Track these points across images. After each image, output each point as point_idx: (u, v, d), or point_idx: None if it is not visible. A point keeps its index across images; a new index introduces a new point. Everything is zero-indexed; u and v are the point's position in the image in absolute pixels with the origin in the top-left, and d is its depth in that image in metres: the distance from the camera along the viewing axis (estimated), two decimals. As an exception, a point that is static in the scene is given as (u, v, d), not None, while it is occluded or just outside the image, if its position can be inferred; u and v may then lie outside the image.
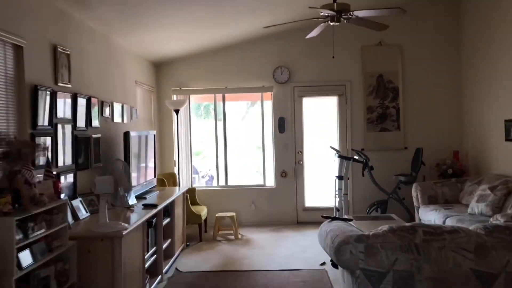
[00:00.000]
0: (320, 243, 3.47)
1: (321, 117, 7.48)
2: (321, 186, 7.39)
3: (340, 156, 6.31)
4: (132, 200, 4.49)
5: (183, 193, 5.96)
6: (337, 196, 6.36)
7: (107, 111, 4.96)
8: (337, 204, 6.35)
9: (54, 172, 3.70)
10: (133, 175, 4.85)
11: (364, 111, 7.15)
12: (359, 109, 7.16)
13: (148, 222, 4.40)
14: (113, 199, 3.52)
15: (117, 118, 5.28)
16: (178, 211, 5.65)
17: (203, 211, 6.44)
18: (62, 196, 3.38)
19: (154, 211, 4.38)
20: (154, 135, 5.82)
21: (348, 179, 6.41)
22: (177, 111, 6.51)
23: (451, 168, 6.60)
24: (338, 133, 7.24)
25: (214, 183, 7.60)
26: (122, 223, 3.57)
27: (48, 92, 3.64)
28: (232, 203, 7.24)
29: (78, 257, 3.33)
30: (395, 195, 6.77)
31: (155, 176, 5.81)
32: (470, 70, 6.76)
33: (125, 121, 5.55)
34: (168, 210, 5.28)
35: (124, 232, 3.42)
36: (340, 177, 6.27)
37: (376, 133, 7.16)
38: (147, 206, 4.47)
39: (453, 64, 7.09)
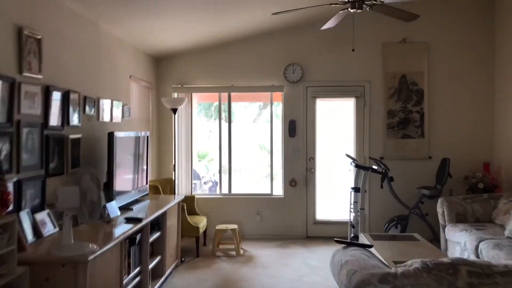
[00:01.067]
0: (333, 275, 2.81)
1: (336, 121, 6.78)
2: (334, 197, 6.71)
3: (357, 166, 5.60)
4: (114, 212, 3.85)
5: (179, 202, 5.31)
6: (352, 210, 5.65)
7: (91, 108, 4.33)
8: (352, 220, 5.64)
9: (14, 179, 3.07)
10: (119, 182, 4.22)
11: (384, 115, 6.43)
12: (379, 113, 6.44)
13: (131, 239, 3.75)
14: (80, 214, 2.87)
15: (104, 117, 4.65)
16: (172, 222, 4.99)
17: (201, 222, 5.77)
18: (10, 208, 2.75)
19: (138, 226, 3.73)
20: (148, 137, 5.18)
21: (365, 191, 5.69)
22: (174, 110, 5.86)
23: (482, 182, 5.84)
24: (354, 139, 6.53)
25: (217, 190, 6.93)
26: (91, 244, 2.92)
27: (7, 83, 3.01)
28: (235, 213, 6.57)
29: (33, 287, 2.70)
30: (417, 210, 6.04)
31: (147, 183, 5.16)
32: (505, 73, 6.00)
33: (114, 120, 4.91)
34: (159, 223, 4.62)
35: (91, 256, 2.77)
36: (356, 189, 5.57)
37: (397, 140, 6.44)
38: (131, 220, 3.82)
39: (486, 66, 6.33)
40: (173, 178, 6.31)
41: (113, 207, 3.91)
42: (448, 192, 6.03)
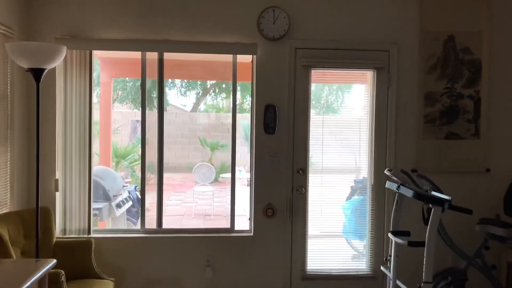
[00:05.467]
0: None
1: (343, 109, 4.16)
2: (338, 234, 4.13)
3: (418, 196, 2.94)
4: None
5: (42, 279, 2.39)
6: (391, 267, 3.08)
7: None
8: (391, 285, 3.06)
9: None
10: None
11: (419, 101, 3.93)
12: (412, 97, 3.93)
13: None
14: None
15: None
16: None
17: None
18: None
19: None
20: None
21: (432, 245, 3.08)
22: (37, 74, 2.90)
23: None
24: (370, 140, 3.95)
25: (139, 224, 4.00)
26: None
27: None
28: (169, 265, 3.76)
29: None
30: (479, 260, 3.60)
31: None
32: None
33: None
34: None
35: None
36: (401, 233, 2.99)
37: (439, 141, 3.97)
38: None
39: None
40: (54, 207, 3.35)
41: None
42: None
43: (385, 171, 3.27)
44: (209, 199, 8.52)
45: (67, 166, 3.68)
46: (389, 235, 3.11)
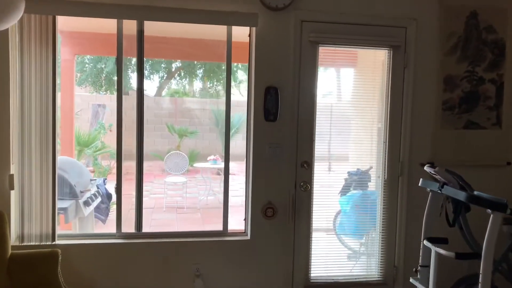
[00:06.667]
0: None
1: (353, 92, 3.64)
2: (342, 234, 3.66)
3: (470, 199, 2.46)
4: None
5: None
6: (418, 278, 2.63)
7: None
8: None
9: None
10: None
11: (438, 85, 3.48)
12: (429, 81, 3.47)
13: None
14: None
15: None
16: None
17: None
18: None
19: None
20: None
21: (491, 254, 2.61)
22: None
23: None
24: (384, 129, 3.47)
25: (115, 228, 3.35)
26: None
27: None
28: (151, 275, 3.17)
29: None
30: (505, 264, 3.22)
31: None
32: None
33: None
34: None
35: None
36: (437, 240, 2.53)
37: (458, 131, 3.54)
38: None
39: None
40: (8, 210, 2.68)
41: None
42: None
43: (425, 168, 2.79)
44: (180, 190, 7.92)
45: (25, 158, 2.99)
46: (425, 242, 2.65)
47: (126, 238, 3.21)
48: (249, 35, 3.29)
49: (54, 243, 3.02)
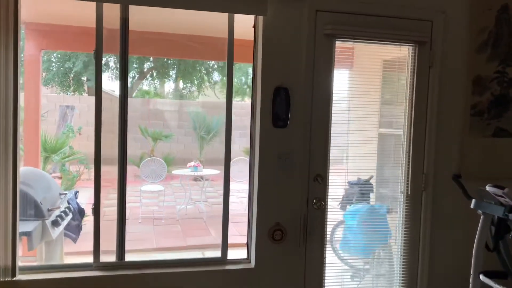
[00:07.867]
0: None
1: (370, 93, 3.15)
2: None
3: None
4: None
5: None
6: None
7: None
8: None
9: None
10: None
11: (467, 86, 3.06)
12: (457, 81, 3.05)
13: None
14: None
15: None
16: None
17: None
18: None
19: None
20: None
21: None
22: None
23: None
24: (406, 135, 3.02)
25: (82, 246, 2.74)
26: None
27: None
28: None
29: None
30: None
31: None
32: None
33: None
34: None
35: None
36: (494, 274, 2.08)
37: (486, 139, 3.13)
38: None
39: None
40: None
41: None
42: None
43: (486, 187, 2.34)
44: (155, 198, 7.33)
45: (-22, 174, 2.38)
46: (481, 277, 2.20)
47: (105, 269, 2.64)
48: (254, 26, 2.78)
49: (14, 279, 2.42)
